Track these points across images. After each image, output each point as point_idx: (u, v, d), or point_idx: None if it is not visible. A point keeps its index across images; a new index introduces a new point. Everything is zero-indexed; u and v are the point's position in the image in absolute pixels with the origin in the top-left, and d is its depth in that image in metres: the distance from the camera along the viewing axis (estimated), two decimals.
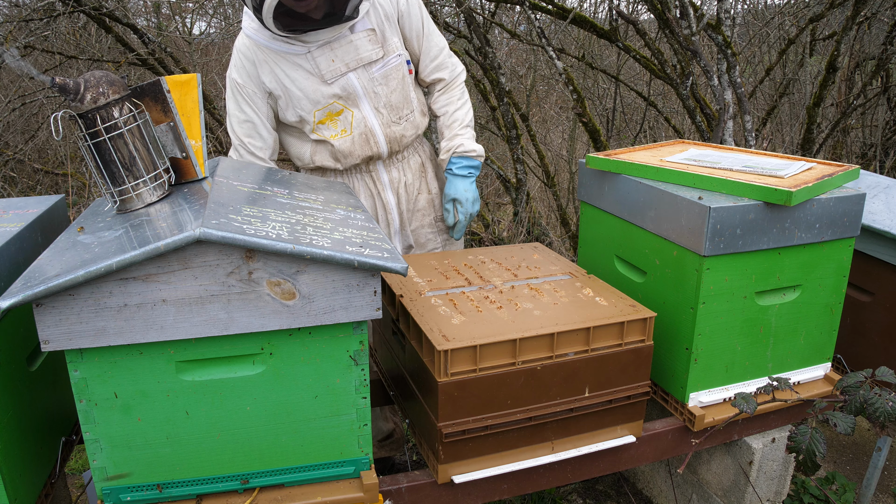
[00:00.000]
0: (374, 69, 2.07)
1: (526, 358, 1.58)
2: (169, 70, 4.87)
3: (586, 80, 5.79)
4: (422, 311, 1.68)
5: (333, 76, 2.03)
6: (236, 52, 2.06)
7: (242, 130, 2.11)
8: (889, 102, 5.15)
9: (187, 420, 1.39)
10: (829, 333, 2.04)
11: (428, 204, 2.35)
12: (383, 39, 2.08)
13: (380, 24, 2.07)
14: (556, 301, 1.75)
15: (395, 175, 2.26)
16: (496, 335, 1.56)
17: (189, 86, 1.59)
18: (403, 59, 2.14)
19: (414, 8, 2.14)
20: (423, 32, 2.18)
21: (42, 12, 4.61)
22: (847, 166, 2.00)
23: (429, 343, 1.55)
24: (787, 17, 5.38)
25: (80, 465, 2.70)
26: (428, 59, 2.22)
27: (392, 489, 1.62)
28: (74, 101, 1.43)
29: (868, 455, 2.67)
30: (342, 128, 2.10)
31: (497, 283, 1.86)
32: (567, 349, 1.62)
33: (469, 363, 1.53)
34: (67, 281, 1.21)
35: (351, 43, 2.02)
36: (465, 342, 1.52)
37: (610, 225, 2.11)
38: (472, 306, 1.71)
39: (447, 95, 2.28)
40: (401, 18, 2.13)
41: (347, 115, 2.09)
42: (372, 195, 2.26)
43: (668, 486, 2.33)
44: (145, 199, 1.52)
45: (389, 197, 2.26)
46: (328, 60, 2.02)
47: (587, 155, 2.15)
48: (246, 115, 2.09)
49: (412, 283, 1.86)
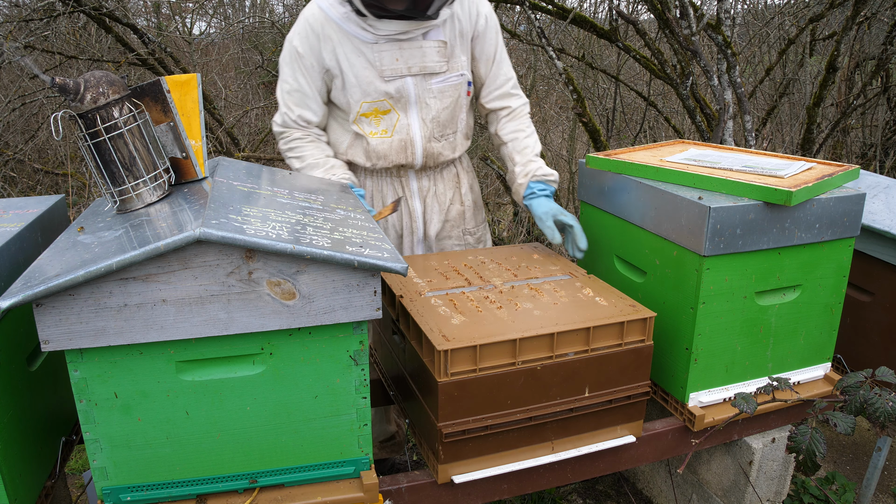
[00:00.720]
0: (433, 81, 2.06)
1: (526, 358, 1.58)
2: (169, 70, 4.87)
3: (586, 80, 5.79)
4: (422, 312, 1.68)
5: (392, 75, 2.01)
6: (304, 21, 2.02)
7: (292, 99, 2.08)
8: (889, 102, 5.15)
9: (187, 420, 1.39)
10: (829, 333, 2.04)
11: (459, 216, 2.31)
12: (451, 55, 2.06)
13: (452, 38, 2.05)
14: (556, 301, 1.75)
15: (424, 184, 2.23)
16: (496, 335, 1.56)
17: (189, 86, 1.59)
18: (465, 79, 2.12)
19: (491, 32, 2.12)
20: (494, 59, 2.16)
21: (42, 12, 4.61)
22: (847, 166, 2.00)
23: (429, 343, 1.55)
24: (787, 17, 5.38)
25: (80, 465, 2.70)
26: (493, 85, 2.20)
27: (392, 489, 1.62)
28: (74, 101, 1.43)
29: (868, 455, 2.67)
30: (384, 128, 2.08)
31: (497, 283, 1.86)
32: (567, 349, 1.62)
33: (469, 363, 1.53)
34: (67, 281, 1.21)
35: (420, 48, 2.01)
36: (464, 342, 1.52)
37: (610, 225, 2.11)
38: (472, 306, 1.71)
39: (515, 123, 2.23)
40: (475, 38, 2.11)
41: (393, 117, 2.07)
42: None
43: (668, 486, 2.33)
44: (145, 199, 1.52)
45: (416, 205, 2.23)
46: (392, 58, 1.99)
47: (587, 155, 2.15)
48: (299, 84, 2.06)
49: (412, 283, 1.86)
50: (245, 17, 7.96)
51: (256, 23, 7.24)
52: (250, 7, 8.61)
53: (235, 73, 7.86)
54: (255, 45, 7.35)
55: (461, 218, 2.32)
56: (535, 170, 2.16)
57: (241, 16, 8.15)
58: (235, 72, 7.87)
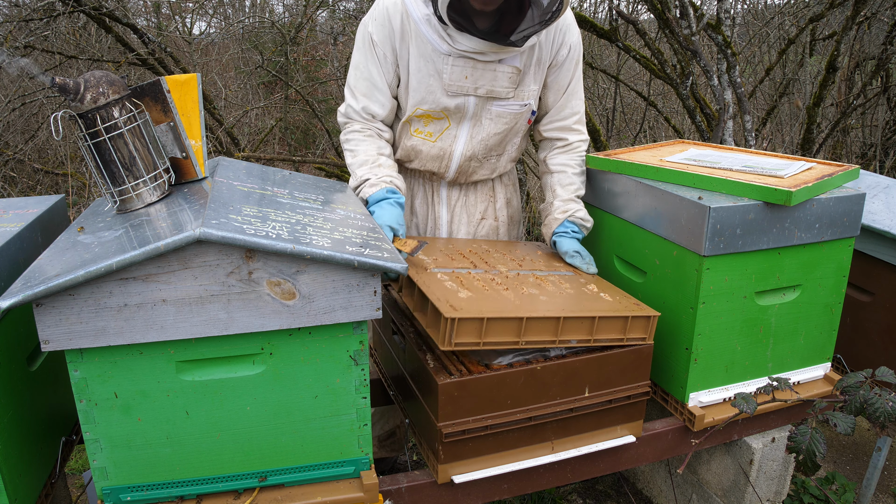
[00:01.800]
0: (495, 104, 1.98)
1: (530, 339, 1.57)
2: (169, 70, 4.87)
3: (586, 80, 5.79)
4: (428, 284, 1.64)
5: (456, 92, 1.92)
6: (383, 7, 1.91)
7: (360, 88, 1.99)
8: (889, 102, 5.15)
9: (187, 420, 1.39)
10: (828, 333, 2.04)
11: (491, 231, 2.24)
12: (520, 82, 1.97)
13: (527, 66, 1.96)
14: (562, 291, 1.75)
15: (454, 194, 2.17)
16: (503, 312, 1.54)
17: (189, 86, 1.59)
18: (529, 109, 2.04)
19: (570, 64, 2.03)
20: (566, 91, 2.06)
21: (42, 12, 4.61)
22: (847, 166, 2.00)
23: (435, 312, 1.52)
24: (787, 17, 5.38)
25: (80, 465, 2.70)
26: (557, 117, 2.10)
27: (392, 489, 1.62)
28: (74, 101, 1.43)
29: (868, 455, 2.67)
30: (430, 130, 2.01)
31: (502, 269, 1.85)
32: (571, 335, 1.60)
33: (474, 336, 1.51)
34: (67, 281, 1.21)
35: (493, 71, 1.91)
36: (472, 314, 1.50)
37: (610, 225, 2.11)
38: (478, 285, 1.69)
39: (568, 157, 2.13)
40: (552, 67, 2.02)
41: (444, 124, 1.99)
42: (427, 204, 2.19)
43: (668, 486, 2.33)
44: (145, 199, 1.52)
45: (443, 212, 2.18)
46: (461, 75, 1.90)
47: (587, 155, 2.15)
48: (369, 73, 1.96)
49: (418, 259, 1.82)
50: (245, 17, 7.97)
51: (256, 23, 7.24)
52: (250, 7, 8.61)
53: (235, 73, 7.87)
54: (255, 45, 7.35)
55: (494, 233, 2.24)
56: (575, 211, 2.06)
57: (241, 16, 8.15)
58: (235, 72, 7.87)
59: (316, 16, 6.89)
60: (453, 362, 1.61)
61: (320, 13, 7.09)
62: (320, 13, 7.09)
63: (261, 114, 6.99)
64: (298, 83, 6.46)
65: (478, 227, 2.23)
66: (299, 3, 7.09)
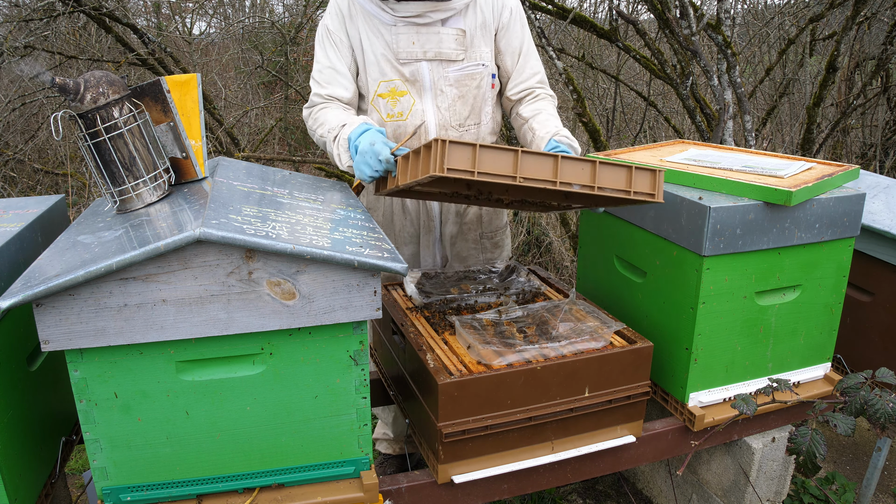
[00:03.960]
0: (450, 69, 2.05)
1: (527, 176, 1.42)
2: (169, 70, 4.87)
3: (586, 80, 5.79)
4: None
5: (407, 58, 2.02)
6: (333, 1, 2.08)
7: (323, 77, 2.08)
8: (889, 102, 5.15)
9: (187, 420, 1.39)
10: (828, 333, 2.04)
11: (476, 219, 2.26)
12: (470, 44, 2.05)
13: (472, 29, 2.05)
14: None
15: None
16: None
17: (189, 86, 1.59)
18: (488, 71, 2.09)
19: (516, 25, 2.11)
20: (520, 52, 2.13)
21: (42, 12, 4.61)
22: (847, 166, 2.00)
23: (427, 149, 1.45)
24: (787, 17, 5.38)
25: (80, 465, 2.70)
26: (519, 79, 2.15)
27: (392, 489, 1.62)
28: (74, 101, 1.43)
29: (868, 455, 2.67)
30: (399, 110, 2.08)
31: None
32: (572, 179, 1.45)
33: (467, 163, 1.40)
34: (67, 281, 1.21)
35: (438, 34, 2.01)
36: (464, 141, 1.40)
37: (610, 225, 2.11)
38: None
39: (540, 104, 2.13)
40: (500, 31, 2.09)
41: (409, 100, 2.07)
42: (418, 201, 2.20)
43: (668, 486, 2.33)
44: (145, 199, 1.52)
45: (433, 203, 2.20)
46: (409, 42, 2.01)
47: (587, 155, 2.15)
48: (330, 61, 2.07)
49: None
50: (245, 17, 7.96)
51: (256, 23, 7.24)
52: (250, 7, 8.61)
53: (235, 73, 7.86)
54: (255, 45, 7.35)
55: (478, 221, 2.27)
56: (558, 130, 2.01)
57: (241, 16, 8.15)
58: (235, 72, 7.87)
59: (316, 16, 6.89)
60: (453, 362, 1.61)
61: (320, 13, 7.09)
62: (320, 13, 7.09)
63: (261, 114, 6.99)
64: (298, 83, 6.46)
65: (464, 213, 2.23)
66: (299, 3, 7.09)
